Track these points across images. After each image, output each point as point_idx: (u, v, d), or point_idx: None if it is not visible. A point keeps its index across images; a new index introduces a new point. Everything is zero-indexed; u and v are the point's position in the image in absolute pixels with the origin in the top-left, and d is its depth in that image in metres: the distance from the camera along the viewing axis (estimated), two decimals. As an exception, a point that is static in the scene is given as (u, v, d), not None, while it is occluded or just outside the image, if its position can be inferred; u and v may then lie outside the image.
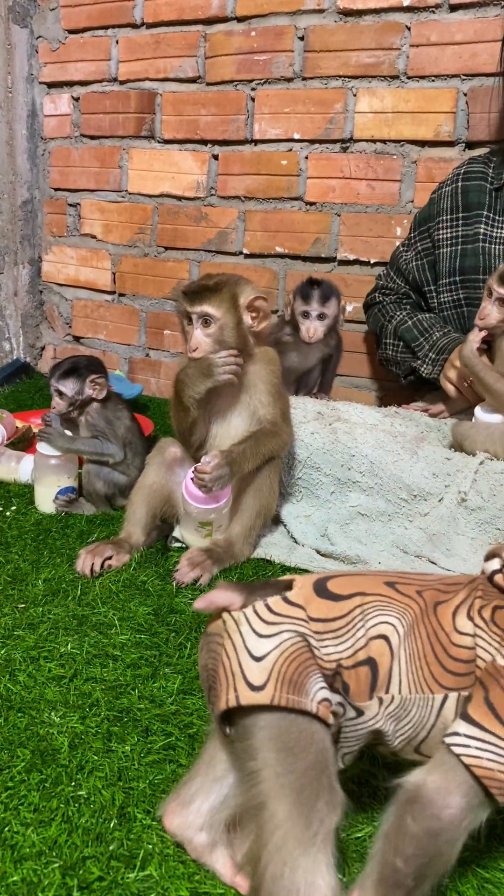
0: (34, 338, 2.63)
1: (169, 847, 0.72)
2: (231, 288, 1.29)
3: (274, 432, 1.31)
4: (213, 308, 1.27)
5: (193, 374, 1.28)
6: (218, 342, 1.28)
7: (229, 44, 2.07)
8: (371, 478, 1.37)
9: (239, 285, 1.30)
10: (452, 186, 1.69)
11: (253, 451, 1.28)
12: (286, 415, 1.35)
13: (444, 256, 1.68)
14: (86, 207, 2.45)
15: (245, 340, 1.30)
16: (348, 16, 1.91)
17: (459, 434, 1.46)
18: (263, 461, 1.31)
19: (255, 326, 1.31)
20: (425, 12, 1.82)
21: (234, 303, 1.28)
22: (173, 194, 2.26)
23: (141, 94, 2.26)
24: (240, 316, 1.29)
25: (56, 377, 1.49)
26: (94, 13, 2.28)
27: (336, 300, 1.65)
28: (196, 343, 1.28)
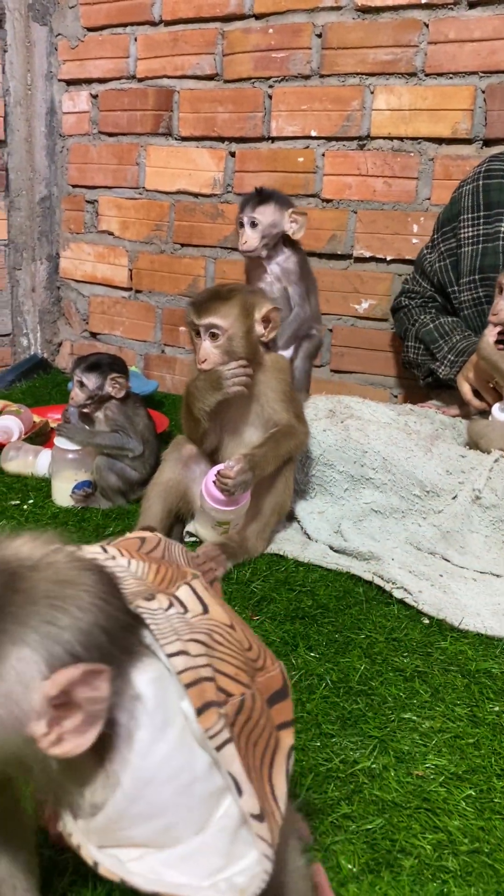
0: (52, 334, 2.65)
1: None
2: (243, 298, 1.28)
3: (291, 433, 1.31)
4: (220, 319, 1.26)
5: (203, 387, 1.28)
6: (227, 353, 1.27)
7: (247, 41, 2.08)
8: (384, 474, 1.38)
9: (253, 295, 1.30)
10: (474, 185, 1.68)
11: (273, 454, 1.29)
12: (300, 415, 1.36)
13: (465, 255, 1.67)
14: (103, 204, 2.46)
15: (255, 350, 1.29)
16: (366, 13, 1.91)
17: (475, 432, 1.46)
18: (282, 462, 1.31)
19: (265, 336, 1.30)
20: (444, 9, 1.82)
21: (245, 313, 1.27)
22: (190, 191, 2.27)
23: (159, 92, 2.27)
24: (250, 325, 1.28)
25: (81, 369, 1.52)
26: (112, 11, 2.29)
27: (277, 207, 1.49)
28: (204, 355, 1.27)
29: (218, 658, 0.56)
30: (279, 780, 0.56)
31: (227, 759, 0.52)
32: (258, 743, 0.56)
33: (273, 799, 0.55)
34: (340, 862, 0.70)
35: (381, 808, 0.77)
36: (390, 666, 1.02)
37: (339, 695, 0.95)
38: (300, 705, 0.93)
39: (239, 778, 0.52)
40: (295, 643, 1.06)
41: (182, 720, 0.52)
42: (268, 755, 0.57)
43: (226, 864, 0.52)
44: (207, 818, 0.52)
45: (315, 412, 1.48)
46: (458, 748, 0.86)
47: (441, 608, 1.15)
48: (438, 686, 0.98)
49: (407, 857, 0.71)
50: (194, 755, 0.52)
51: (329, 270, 2.08)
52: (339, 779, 0.81)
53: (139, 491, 1.50)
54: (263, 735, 0.57)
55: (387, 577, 1.23)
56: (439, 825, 0.75)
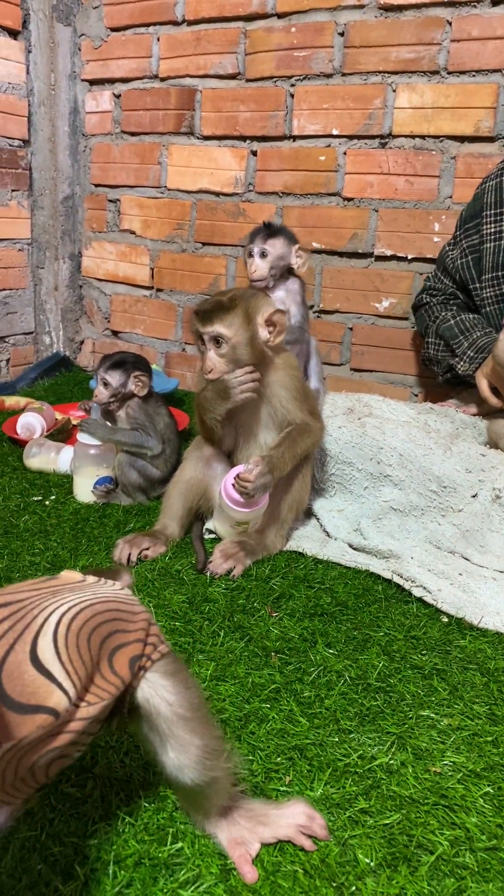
0: (74, 332, 2.68)
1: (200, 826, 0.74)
2: (245, 304, 1.27)
3: (307, 431, 1.31)
4: (224, 328, 1.25)
5: (212, 397, 1.28)
6: (233, 361, 1.27)
7: (269, 40, 2.08)
8: (401, 470, 1.37)
9: (255, 299, 1.29)
10: (496, 181, 1.67)
11: (291, 453, 1.28)
12: (315, 411, 1.35)
13: (487, 251, 1.66)
14: (125, 203, 2.48)
15: (262, 355, 1.29)
16: (389, 11, 1.91)
17: (495, 432, 1.46)
18: (300, 460, 1.32)
19: (271, 340, 1.29)
20: (467, 7, 1.81)
21: (247, 319, 1.26)
22: (212, 190, 2.28)
23: (181, 91, 2.28)
24: (254, 331, 1.27)
25: (105, 367, 1.53)
26: (136, 11, 2.31)
27: (285, 241, 1.52)
28: (210, 364, 1.27)
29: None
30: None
31: None
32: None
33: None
34: (358, 856, 0.71)
35: (398, 804, 0.78)
36: (409, 663, 1.02)
37: (358, 691, 0.95)
38: (318, 701, 0.93)
39: None
40: (314, 640, 1.06)
41: None
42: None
43: None
44: None
45: (332, 409, 1.48)
46: (477, 745, 0.86)
47: (460, 606, 1.15)
48: (457, 684, 0.98)
49: (424, 853, 0.72)
50: None
51: (350, 269, 2.08)
52: (357, 774, 0.81)
53: (160, 488, 1.51)
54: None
55: (406, 576, 1.23)
56: (457, 822, 0.75)
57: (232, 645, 1.04)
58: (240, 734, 0.86)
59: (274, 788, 0.79)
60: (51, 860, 0.69)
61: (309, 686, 0.96)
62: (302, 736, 0.87)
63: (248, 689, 0.95)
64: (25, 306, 2.53)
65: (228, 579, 1.23)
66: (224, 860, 0.70)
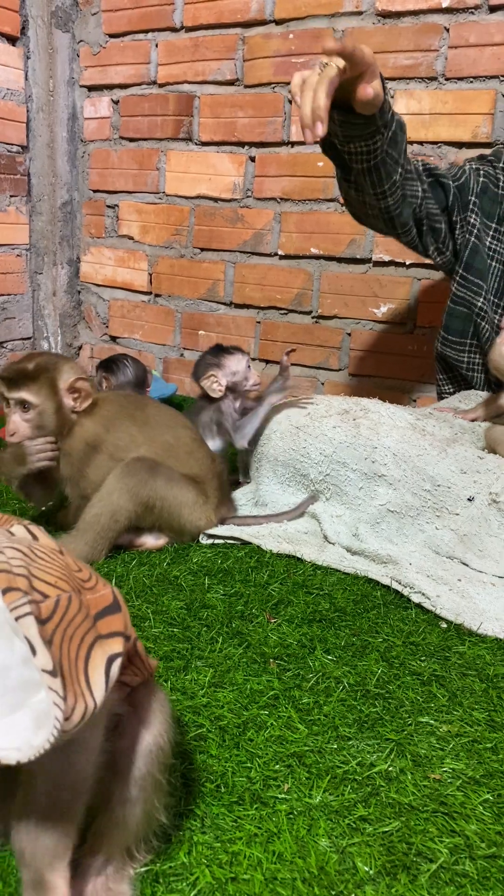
0: (72, 337, 2.68)
1: (198, 834, 0.73)
2: (49, 373, 1.29)
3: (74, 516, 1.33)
4: (30, 395, 1.28)
5: (9, 460, 1.32)
6: (37, 427, 1.30)
7: (267, 46, 2.09)
8: (395, 470, 1.37)
9: (57, 368, 1.31)
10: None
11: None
12: (87, 494, 1.33)
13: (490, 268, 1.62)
14: (124, 209, 2.48)
15: (65, 422, 1.32)
16: (387, 17, 1.91)
17: (493, 439, 1.46)
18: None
19: (77, 407, 1.32)
20: (464, 13, 1.82)
21: (54, 388, 1.29)
22: (210, 196, 2.28)
23: (179, 97, 2.28)
24: (59, 400, 1.30)
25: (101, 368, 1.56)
26: (134, 17, 2.31)
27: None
28: (14, 427, 1.30)
29: (37, 567, 0.62)
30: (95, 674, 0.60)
31: (25, 626, 0.57)
32: (73, 638, 0.60)
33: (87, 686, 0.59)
34: (357, 864, 0.70)
35: (397, 812, 0.77)
36: (408, 670, 1.01)
37: (356, 698, 0.95)
38: (317, 708, 0.93)
39: (34, 641, 0.57)
40: (312, 646, 1.06)
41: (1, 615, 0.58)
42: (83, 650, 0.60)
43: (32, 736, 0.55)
44: (21, 702, 0.56)
45: (328, 410, 1.47)
46: (476, 752, 0.86)
47: (459, 612, 1.15)
48: (456, 690, 0.97)
49: (424, 861, 0.71)
50: (12, 644, 0.56)
51: (348, 275, 2.08)
52: (355, 781, 0.81)
53: None
54: (79, 633, 0.61)
55: (405, 582, 1.22)
56: (456, 829, 0.75)
57: (230, 651, 1.04)
58: (238, 741, 0.86)
59: (272, 796, 0.78)
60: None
61: (307, 692, 0.95)
62: (300, 743, 0.86)
63: (247, 696, 0.94)
64: (24, 312, 2.53)
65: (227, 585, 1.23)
66: (223, 869, 0.70)
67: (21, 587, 0.58)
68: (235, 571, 1.27)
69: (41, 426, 1.31)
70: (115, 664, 0.61)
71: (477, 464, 1.37)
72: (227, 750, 0.85)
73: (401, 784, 0.81)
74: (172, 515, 1.34)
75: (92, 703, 0.59)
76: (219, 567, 1.29)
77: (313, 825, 0.75)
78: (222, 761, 0.83)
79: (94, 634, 0.62)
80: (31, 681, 0.56)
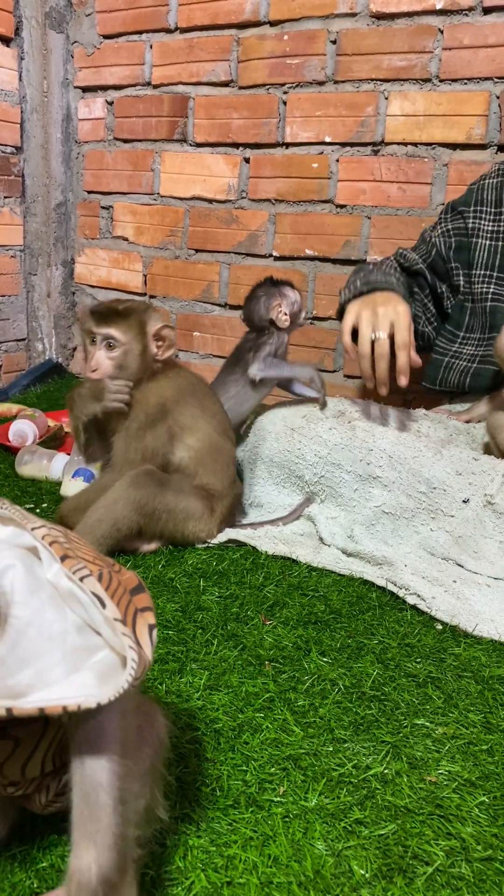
0: (66, 338, 2.67)
1: (193, 838, 0.73)
2: (139, 315, 1.30)
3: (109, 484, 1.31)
4: (119, 332, 1.28)
5: (86, 395, 1.30)
6: (119, 367, 1.29)
7: (262, 48, 2.09)
8: (390, 472, 1.37)
9: (147, 312, 1.32)
10: (498, 180, 1.63)
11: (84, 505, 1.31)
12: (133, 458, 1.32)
13: (483, 248, 1.62)
14: (118, 210, 2.48)
15: (147, 368, 1.32)
16: (381, 19, 1.91)
17: (494, 426, 1.45)
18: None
19: (159, 355, 1.33)
20: (458, 15, 1.82)
21: (142, 330, 1.29)
22: (204, 197, 2.28)
23: (174, 98, 2.28)
24: (145, 343, 1.30)
25: None
26: (128, 18, 2.31)
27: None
28: (97, 364, 1.29)
29: (76, 547, 0.65)
30: (143, 637, 0.63)
31: (90, 584, 0.60)
32: (120, 603, 0.63)
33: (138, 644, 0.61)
34: (353, 867, 0.70)
35: (393, 814, 0.77)
36: (403, 671, 1.01)
37: (352, 700, 0.95)
38: (313, 710, 0.92)
39: (102, 595, 0.60)
40: (308, 648, 1.06)
41: (50, 588, 0.60)
42: (129, 615, 0.64)
43: (99, 690, 0.57)
44: (80, 664, 0.58)
45: (324, 412, 1.48)
46: (472, 754, 0.86)
47: (454, 614, 1.15)
48: (452, 692, 0.97)
49: (420, 864, 0.71)
50: (65, 613, 0.59)
51: (343, 276, 2.08)
52: (351, 784, 0.81)
53: None
54: (123, 601, 0.64)
55: (400, 583, 1.22)
56: (452, 832, 0.75)
57: (225, 654, 1.03)
58: (233, 744, 0.86)
59: (268, 799, 0.78)
60: (41, 874, 0.68)
61: (303, 695, 0.95)
62: (296, 745, 0.86)
63: (242, 699, 0.94)
64: (18, 313, 2.52)
65: (222, 587, 1.23)
66: (218, 873, 0.69)
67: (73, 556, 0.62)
68: (231, 573, 1.27)
69: (123, 366, 1.30)
70: (154, 632, 0.65)
71: (472, 465, 1.37)
72: (222, 753, 0.84)
73: (397, 787, 0.81)
74: (177, 527, 1.34)
75: (148, 659, 0.61)
76: (214, 569, 1.28)
77: (309, 828, 0.75)
78: (217, 764, 0.83)
79: (134, 606, 0.65)
80: (87, 645, 0.59)
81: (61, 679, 0.57)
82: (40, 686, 0.57)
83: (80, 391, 1.32)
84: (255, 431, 1.53)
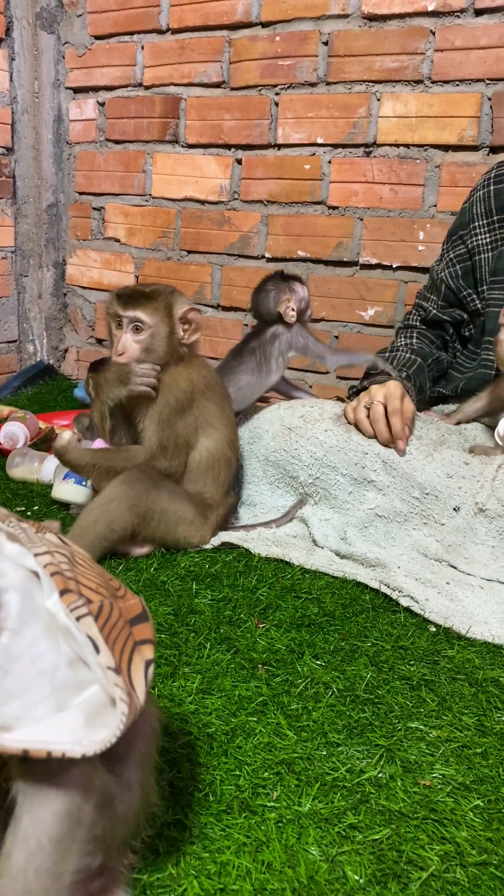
0: (58, 340, 2.66)
1: (186, 845, 0.72)
2: (166, 297, 1.28)
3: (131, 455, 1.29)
4: (146, 315, 1.26)
5: (112, 379, 1.28)
6: (146, 350, 1.28)
7: (254, 49, 2.08)
8: (385, 476, 1.37)
9: (174, 295, 1.31)
10: (485, 191, 1.65)
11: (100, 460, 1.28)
12: (167, 446, 1.31)
13: (484, 262, 1.62)
14: (110, 211, 2.47)
15: (174, 352, 1.30)
16: (373, 20, 1.91)
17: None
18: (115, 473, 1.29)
19: (185, 339, 1.31)
20: (450, 17, 1.82)
21: (169, 312, 1.28)
22: (196, 198, 2.27)
23: (165, 99, 2.28)
24: (172, 326, 1.29)
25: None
26: (120, 19, 2.30)
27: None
28: (123, 347, 1.28)
29: (80, 573, 0.64)
30: (137, 677, 0.62)
31: (86, 625, 0.59)
32: (117, 642, 0.62)
33: (131, 686, 0.60)
34: (347, 873, 0.70)
35: (387, 819, 0.76)
36: (397, 674, 1.01)
37: (346, 703, 0.94)
38: (306, 713, 0.92)
39: (96, 639, 0.59)
40: (301, 651, 1.05)
41: (48, 617, 0.58)
42: (126, 654, 0.62)
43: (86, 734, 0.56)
44: (69, 701, 0.57)
45: (321, 413, 1.47)
46: (466, 758, 0.86)
47: (448, 616, 1.14)
48: (445, 695, 0.97)
49: (414, 869, 0.70)
50: (59, 646, 0.58)
51: (335, 277, 2.08)
52: (345, 788, 0.80)
53: None
54: (121, 637, 0.63)
55: (393, 585, 1.22)
56: (447, 836, 0.74)
57: (218, 657, 1.03)
58: (226, 748, 0.85)
59: (261, 804, 0.77)
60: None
61: (296, 698, 0.95)
62: (289, 750, 0.85)
63: (235, 703, 0.93)
64: (9, 314, 2.51)
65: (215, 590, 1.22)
66: (211, 879, 0.69)
67: (74, 590, 0.61)
68: (223, 576, 1.26)
69: (150, 349, 1.28)
70: (150, 668, 0.64)
71: (462, 469, 1.37)
72: (215, 758, 0.84)
73: (391, 791, 0.80)
74: (168, 531, 1.32)
75: (138, 703, 0.60)
76: (206, 572, 1.28)
77: (303, 833, 0.74)
78: (210, 769, 0.82)
79: (133, 640, 0.64)
80: (77, 681, 0.58)
81: (48, 716, 0.56)
82: (26, 721, 0.55)
83: (106, 375, 1.30)
84: (251, 430, 1.52)
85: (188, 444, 1.34)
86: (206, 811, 0.76)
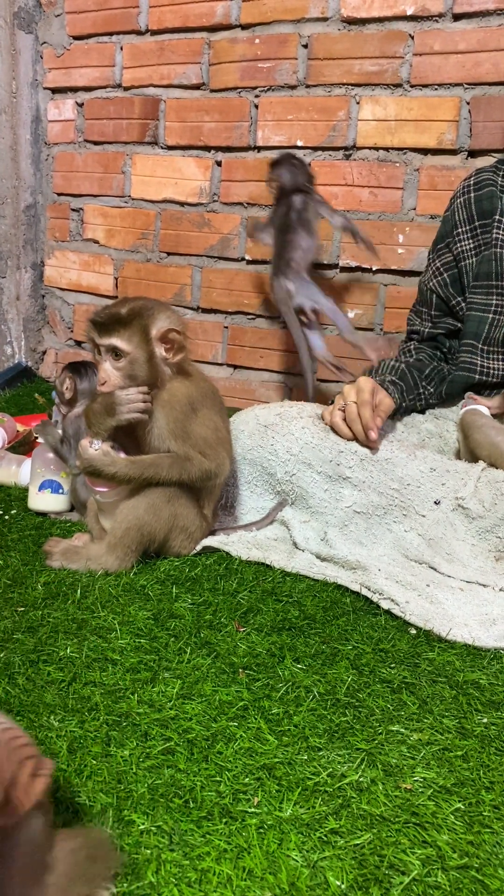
0: (36, 342, 2.64)
1: (166, 852, 0.71)
2: (142, 320, 1.23)
3: (178, 460, 1.27)
4: (122, 342, 1.22)
5: (99, 411, 1.25)
6: (128, 377, 1.24)
7: (233, 51, 2.08)
8: (361, 472, 1.36)
9: (152, 315, 1.24)
10: (465, 197, 1.65)
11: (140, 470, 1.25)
12: (199, 444, 1.29)
13: (469, 267, 1.63)
14: (88, 212, 2.46)
15: (158, 374, 1.26)
16: (352, 24, 1.92)
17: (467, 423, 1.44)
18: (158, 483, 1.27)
19: (169, 359, 1.26)
20: (429, 21, 1.83)
21: (146, 335, 1.23)
22: (176, 200, 2.26)
23: (145, 101, 2.27)
24: (151, 349, 1.24)
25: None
26: (98, 20, 2.29)
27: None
28: (105, 376, 1.24)
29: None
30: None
31: None
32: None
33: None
34: (329, 879, 0.69)
35: (369, 823, 0.76)
36: (378, 677, 1.01)
37: (327, 707, 0.94)
38: (287, 718, 0.91)
39: None
40: (282, 655, 1.05)
41: None
42: None
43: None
44: None
45: (299, 412, 1.47)
46: (447, 761, 0.85)
47: (428, 619, 1.15)
48: (426, 698, 0.97)
49: (396, 874, 0.70)
50: None
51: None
52: (326, 793, 0.80)
53: None
54: None
55: (374, 588, 1.22)
56: (428, 840, 0.74)
57: (198, 662, 1.02)
58: (207, 754, 0.84)
59: (242, 810, 0.77)
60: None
61: (277, 703, 0.94)
62: (270, 755, 0.85)
63: (216, 708, 0.92)
64: (-14, 316, 2.48)
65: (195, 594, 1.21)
66: (192, 888, 0.68)
67: None
68: (204, 580, 1.26)
69: (132, 376, 1.23)
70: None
71: (445, 464, 1.38)
72: (195, 763, 0.83)
73: (372, 795, 0.80)
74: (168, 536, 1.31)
75: None
76: (187, 575, 1.27)
77: (284, 839, 0.73)
78: (191, 775, 0.81)
79: None
80: None
81: None
82: None
83: (93, 407, 1.26)
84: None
85: (221, 439, 1.33)
86: (187, 818, 0.75)
